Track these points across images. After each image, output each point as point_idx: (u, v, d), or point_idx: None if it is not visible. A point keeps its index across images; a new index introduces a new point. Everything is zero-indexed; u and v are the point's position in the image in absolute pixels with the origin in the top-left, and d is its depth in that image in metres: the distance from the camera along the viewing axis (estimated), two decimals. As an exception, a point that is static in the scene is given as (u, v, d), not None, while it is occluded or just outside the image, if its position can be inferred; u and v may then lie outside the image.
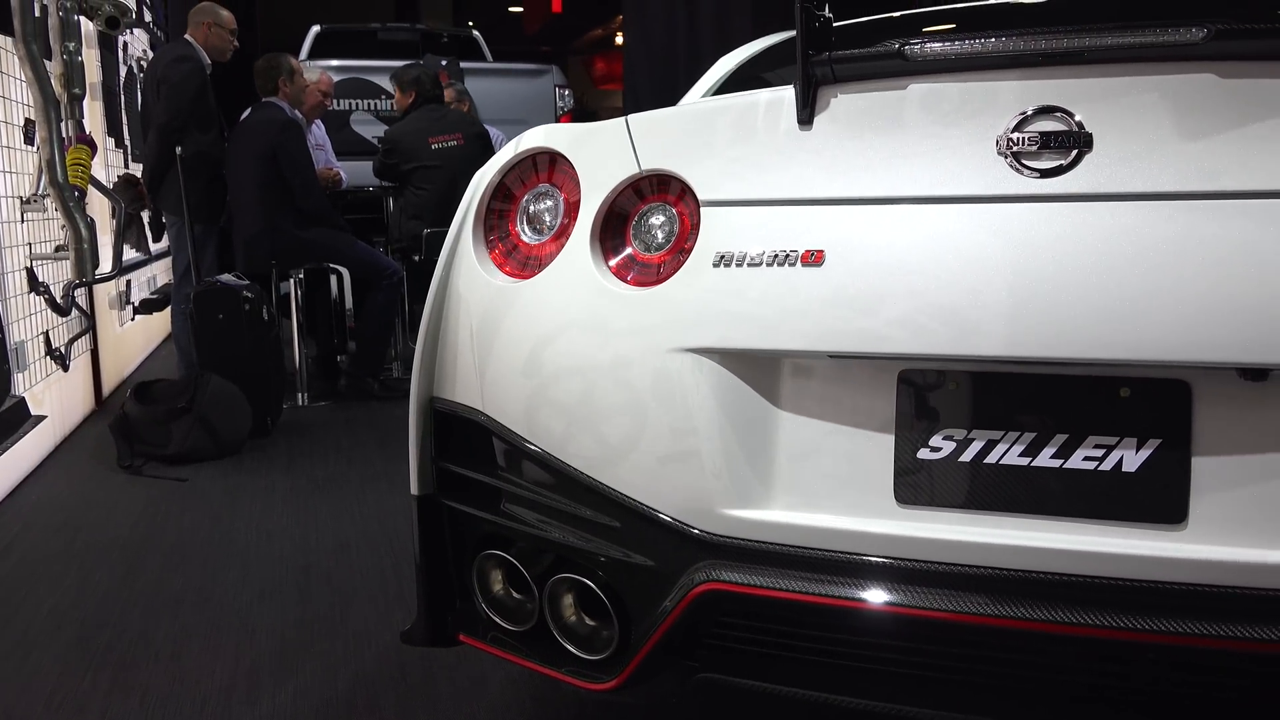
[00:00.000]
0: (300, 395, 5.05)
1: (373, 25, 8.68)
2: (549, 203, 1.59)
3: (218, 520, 3.31)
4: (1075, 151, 1.25)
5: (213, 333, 4.32)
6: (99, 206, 4.99)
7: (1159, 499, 1.22)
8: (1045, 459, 1.25)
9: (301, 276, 5.04)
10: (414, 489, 1.66)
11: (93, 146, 4.09)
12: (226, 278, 4.47)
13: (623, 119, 1.56)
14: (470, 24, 14.14)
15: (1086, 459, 1.24)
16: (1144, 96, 1.26)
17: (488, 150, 5.10)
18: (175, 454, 3.92)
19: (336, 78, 7.15)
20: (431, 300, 1.64)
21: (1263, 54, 1.23)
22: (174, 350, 5.12)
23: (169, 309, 5.29)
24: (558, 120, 7.77)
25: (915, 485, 1.30)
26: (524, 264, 1.58)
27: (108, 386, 5.26)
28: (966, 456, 1.28)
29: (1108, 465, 1.23)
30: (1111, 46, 1.26)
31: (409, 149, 5.30)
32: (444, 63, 5.78)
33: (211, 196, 4.83)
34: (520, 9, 18.74)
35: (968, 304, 1.24)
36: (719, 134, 1.48)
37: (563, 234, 1.55)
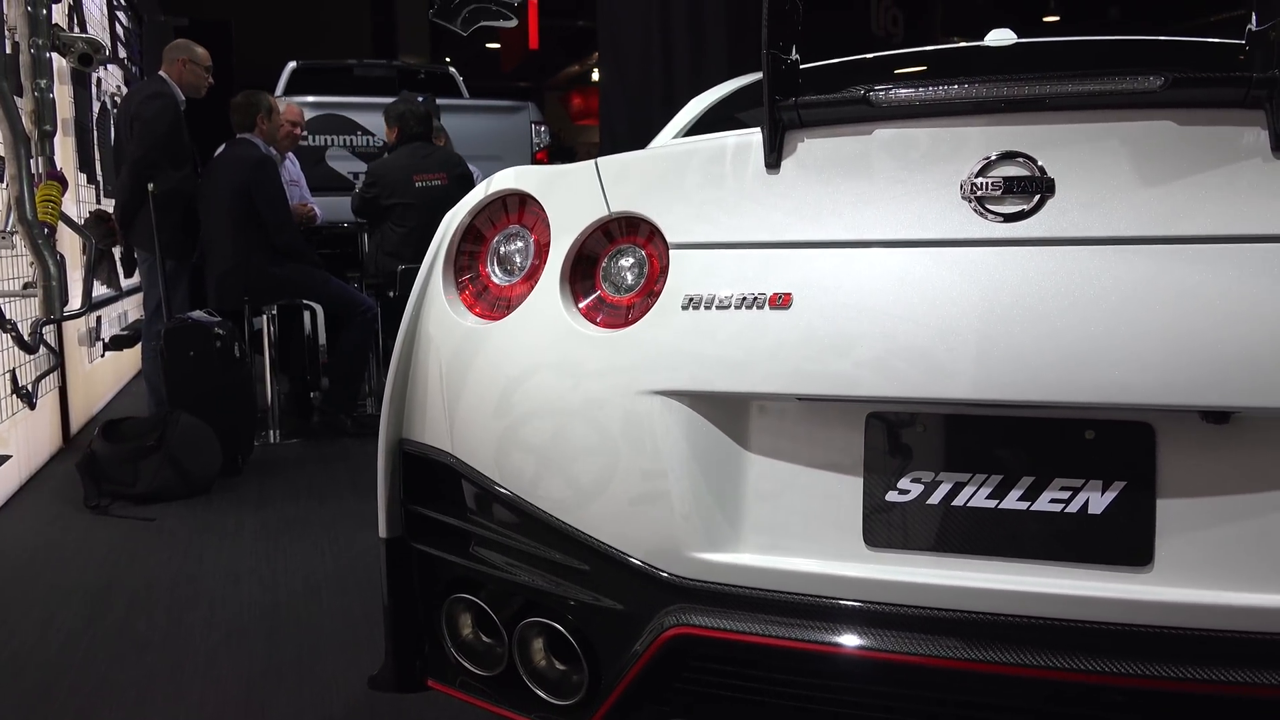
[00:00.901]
0: (272, 432, 5.00)
1: (349, 61, 8.70)
2: (519, 244, 1.60)
3: (185, 561, 3.26)
4: (1038, 196, 1.27)
5: (184, 370, 4.28)
6: (70, 242, 4.96)
7: (1125, 541, 1.22)
8: (1013, 501, 1.26)
9: (275, 313, 5.01)
10: (382, 532, 1.65)
11: (64, 183, 4.06)
12: (198, 314, 4.43)
13: (592, 161, 1.57)
14: (447, 60, 14.23)
15: (1053, 501, 1.25)
16: (1104, 143, 1.28)
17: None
18: (143, 493, 3.87)
19: (313, 114, 7.16)
20: (401, 342, 1.64)
21: (1216, 102, 1.26)
22: (144, 387, 5.06)
23: (139, 345, 5.24)
24: (534, 156, 7.79)
25: (884, 528, 1.31)
26: (494, 305, 1.58)
27: (76, 424, 5.20)
28: (935, 499, 1.29)
29: (1074, 507, 1.24)
30: (1072, 94, 1.29)
31: (393, 183, 5.28)
32: (420, 99, 5.79)
33: (184, 232, 4.81)
34: (497, 45, 18.88)
35: (934, 347, 1.25)
36: (688, 177, 1.49)
37: (533, 275, 1.55)
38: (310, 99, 7.32)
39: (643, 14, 8.31)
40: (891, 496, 1.30)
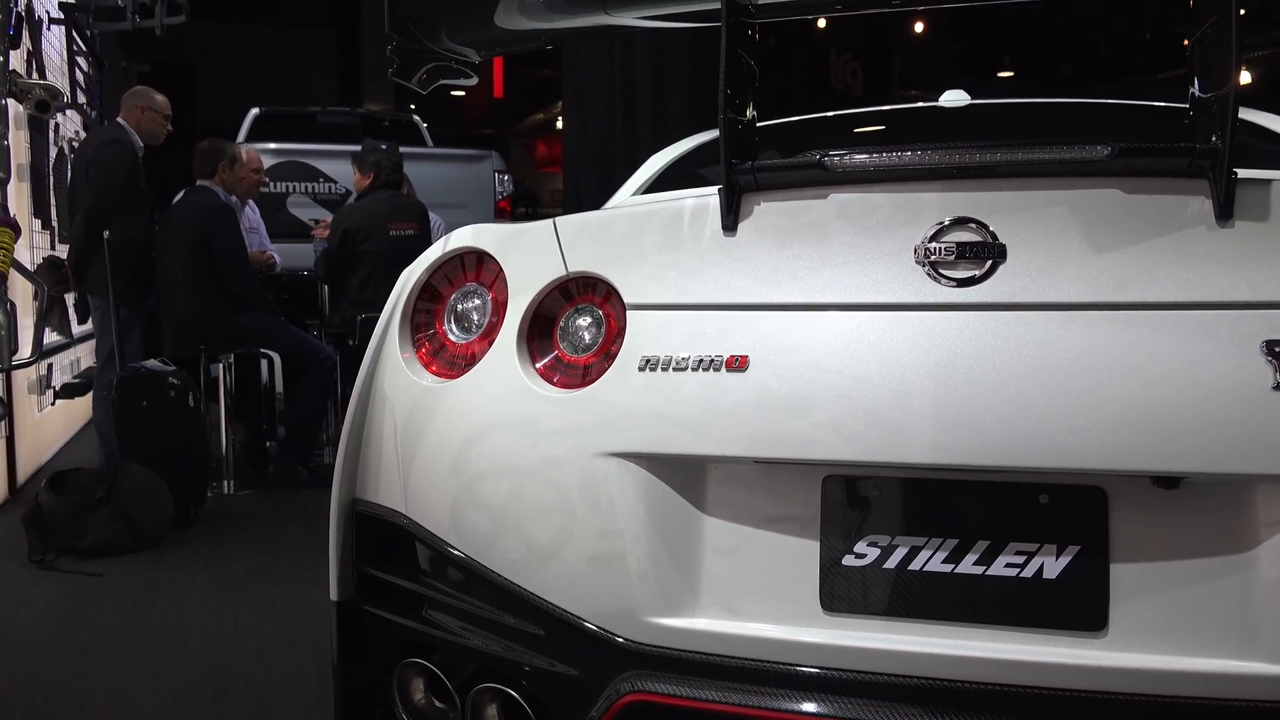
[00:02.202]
0: (226, 482, 4.91)
1: (312, 109, 8.70)
2: (477, 301, 1.59)
3: (132, 618, 3.17)
4: (990, 262, 1.28)
5: (135, 420, 4.20)
6: (21, 288, 4.87)
7: (1080, 606, 1.22)
8: (969, 565, 1.26)
9: (232, 361, 4.94)
10: (333, 594, 1.61)
11: (16, 230, 4.00)
12: (152, 363, 4.36)
13: (550, 221, 1.57)
14: (412, 106, 14.28)
15: (1009, 565, 1.25)
16: (1054, 209, 1.30)
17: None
18: (91, 547, 3.77)
19: (274, 160, 7.14)
20: (355, 400, 1.62)
21: (1162, 171, 1.29)
22: (95, 436, 4.96)
23: (91, 394, 5.14)
24: (497, 205, 7.81)
25: (841, 592, 1.30)
26: (451, 363, 1.57)
27: (23, 474, 5.07)
28: (891, 563, 1.28)
29: (1029, 572, 1.24)
30: (1022, 162, 1.31)
31: (367, 229, 5.20)
32: (384, 147, 5.79)
33: (139, 280, 4.75)
34: (462, 93, 19.03)
35: (890, 411, 1.25)
36: (646, 238, 1.49)
37: (490, 333, 1.54)
38: (272, 145, 7.30)
39: (606, 65, 8.42)
40: (848, 560, 1.30)
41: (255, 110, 8.08)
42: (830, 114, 2.68)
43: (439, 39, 1.76)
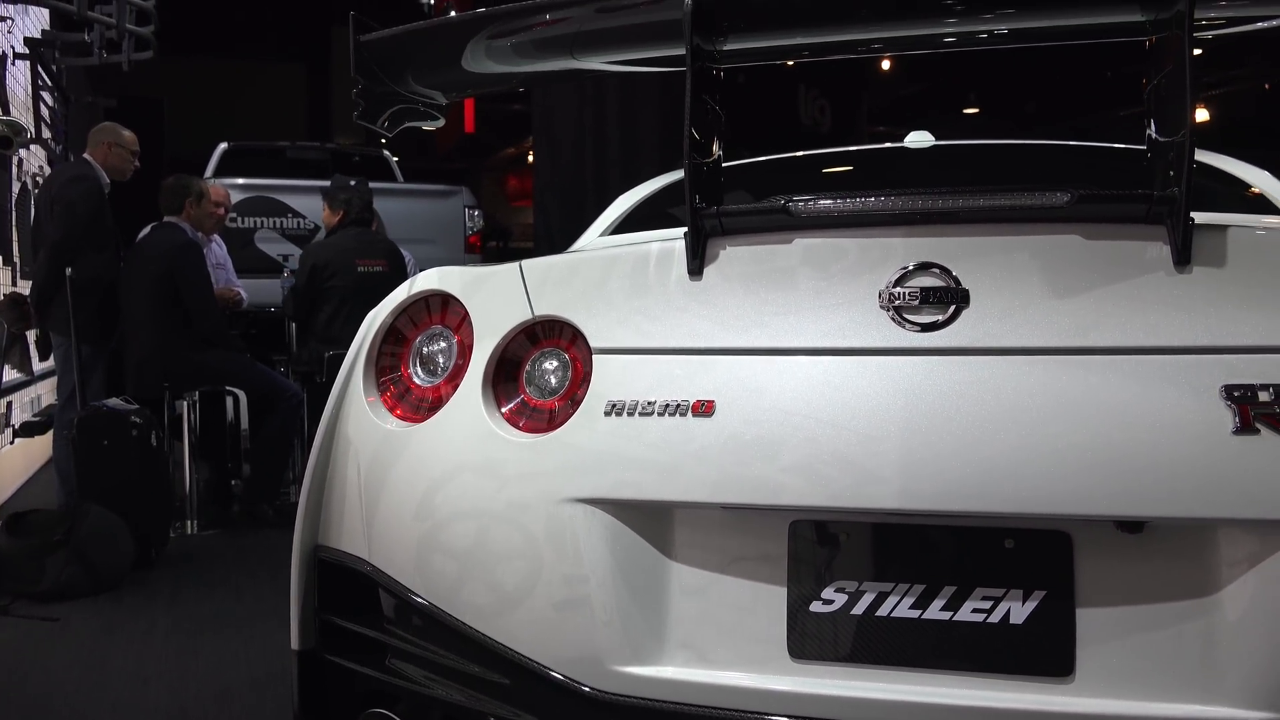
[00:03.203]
0: (190, 522, 4.82)
1: (281, 143, 8.68)
2: (442, 344, 1.58)
3: (89, 664, 3.10)
4: (953, 307, 1.29)
5: (96, 460, 4.13)
6: (-19, 326, 4.80)
7: (1047, 651, 1.22)
8: (936, 611, 1.25)
9: (196, 398, 4.88)
10: (294, 643, 1.58)
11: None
12: (114, 402, 4.29)
13: (516, 264, 1.57)
14: (383, 141, 14.28)
15: (975, 611, 1.24)
16: (1016, 255, 1.31)
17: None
18: (48, 590, 3.68)
19: (243, 195, 7.10)
20: (318, 445, 1.60)
21: (1121, 217, 1.31)
22: (55, 475, 4.86)
23: (51, 432, 5.05)
24: (467, 241, 7.80)
25: (808, 639, 1.29)
26: (416, 407, 1.55)
27: (-20, 515, 4.96)
28: (858, 609, 1.28)
29: (995, 617, 1.24)
30: (984, 207, 1.32)
31: (335, 265, 5.17)
32: (353, 183, 5.77)
33: (102, 317, 4.68)
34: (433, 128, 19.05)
35: (856, 456, 1.25)
36: (612, 281, 1.49)
37: (456, 376, 1.53)
38: (240, 180, 7.27)
39: (576, 100, 8.48)
40: (815, 607, 1.29)
41: (224, 145, 8.05)
42: (798, 154, 2.70)
43: (405, 82, 1.76)
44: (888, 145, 2.66)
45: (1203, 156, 2.17)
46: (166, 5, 6.72)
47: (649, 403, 1.36)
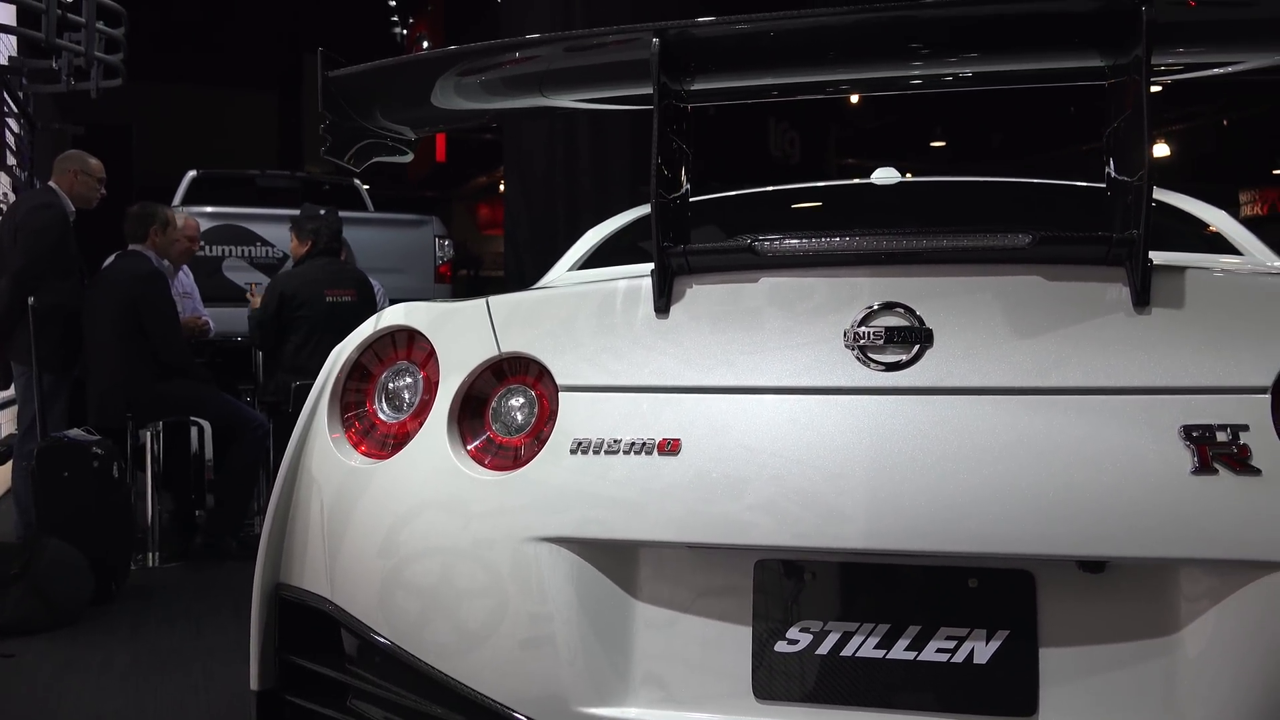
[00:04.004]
0: (151, 554, 4.74)
1: (251, 171, 8.64)
2: (408, 380, 1.57)
3: (42, 703, 3.02)
4: (917, 346, 1.30)
5: (56, 492, 4.05)
6: (-60, 354, 4.71)
7: (1010, 690, 1.22)
8: (900, 651, 1.25)
9: (160, 428, 4.81)
10: (254, 684, 1.55)
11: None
12: (75, 432, 4.22)
13: (484, 300, 1.56)
14: (354, 170, 14.24)
15: (939, 650, 1.24)
16: (979, 295, 1.33)
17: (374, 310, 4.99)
18: (3, 625, 3.59)
19: (211, 224, 7.05)
20: (281, 481, 1.58)
21: (1082, 259, 1.33)
22: (12, 507, 4.77)
23: (10, 463, 4.96)
24: (437, 270, 7.78)
25: (773, 679, 1.28)
26: (381, 443, 1.54)
27: (-66, 547, 4.85)
28: (823, 649, 1.27)
29: (960, 657, 1.24)
30: (948, 248, 1.34)
31: (303, 295, 5.13)
32: (323, 211, 5.75)
33: (64, 346, 4.62)
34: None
35: (821, 496, 1.25)
36: (579, 319, 1.49)
37: (421, 413, 1.52)
38: (209, 208, 7.22)
39: (547, 130, 8.51)
40: (780, 647, 1.28)
41: (193, 172, 8.00)
42: (767, 189, 2.73)
43: (373, 118, 1.76)
44: (855, 181, 2.69)
45: (1162, 195, 2.21)
46: (137, 31, 6.69)
47: (615, 441, 1.35)
